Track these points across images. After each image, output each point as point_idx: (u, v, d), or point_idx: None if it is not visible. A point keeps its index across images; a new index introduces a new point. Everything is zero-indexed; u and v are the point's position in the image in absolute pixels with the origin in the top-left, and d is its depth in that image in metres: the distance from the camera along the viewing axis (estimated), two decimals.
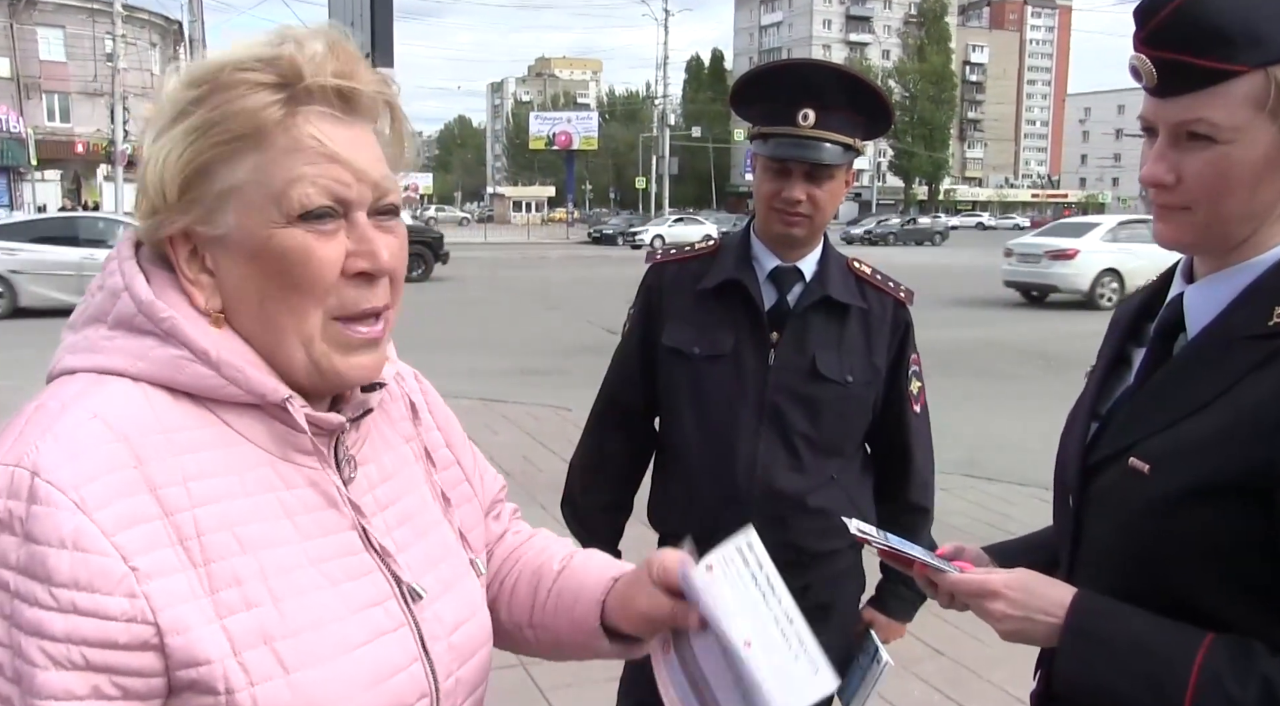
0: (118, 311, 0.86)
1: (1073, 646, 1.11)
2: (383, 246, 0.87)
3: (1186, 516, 1.05)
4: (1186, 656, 1.03)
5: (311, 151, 0.84)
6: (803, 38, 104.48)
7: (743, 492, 1.89)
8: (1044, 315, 15.64)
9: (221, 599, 0.80)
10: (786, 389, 1.90)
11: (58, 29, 39.61)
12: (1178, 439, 1.08)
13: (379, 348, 0.91)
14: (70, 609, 0.74)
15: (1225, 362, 1.08)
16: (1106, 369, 1.27)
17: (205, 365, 0.84)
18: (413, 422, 1.05)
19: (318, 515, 0.88)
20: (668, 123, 59.05)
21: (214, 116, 0.83)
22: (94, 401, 0.81)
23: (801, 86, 1.86)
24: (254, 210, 0.84)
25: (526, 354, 11.14)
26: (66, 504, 0.75)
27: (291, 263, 0.84)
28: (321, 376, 0.88)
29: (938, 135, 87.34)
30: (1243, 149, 1.04)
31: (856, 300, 1.95)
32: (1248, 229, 1.09)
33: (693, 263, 2.03)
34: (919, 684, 3.53)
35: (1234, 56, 1.01)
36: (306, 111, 0.85)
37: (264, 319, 0.86)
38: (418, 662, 0.90)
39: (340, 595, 0.86)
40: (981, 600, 1.15)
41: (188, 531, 0.80)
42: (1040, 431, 1.77)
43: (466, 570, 1.02)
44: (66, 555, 0.74)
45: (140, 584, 0.76)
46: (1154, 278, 1.31)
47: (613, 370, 2.14)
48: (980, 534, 4.79)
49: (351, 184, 0.85)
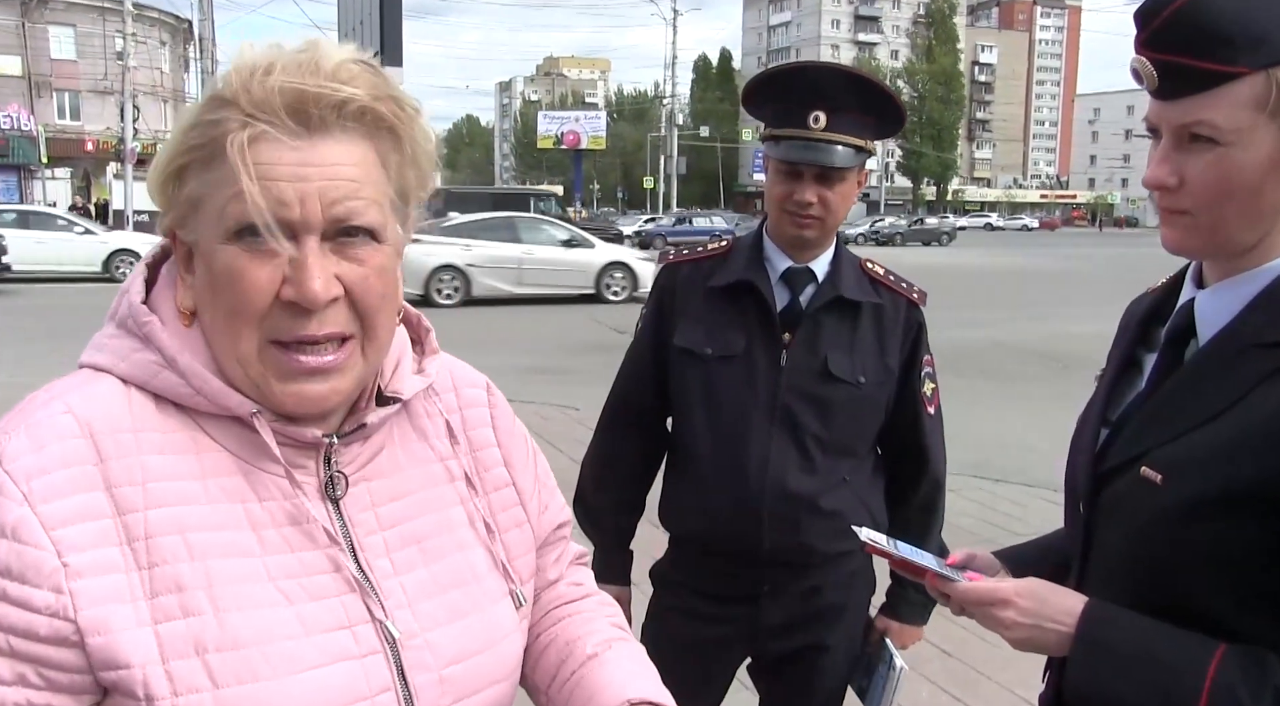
0: (119, 311, 0.89)
1: (1083, 655, 1.10)
2: (315, 275, 0.82)
3: (1198, 527, 1.05)
4: (1199, 667, 1.02)
5: (259, 166, 0.82)
6: (811, 37, 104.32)
7: (754, 494, 1.89)
8: (1050, 316, 15.59)
9: (159, 603, 0.79)
10: (798, 390, 1.90)
11: (69, 27, 39.77)
12: (1190, 449, 1.07)
13: (333, 377, 0.86)
14: (1, 597, 0.76)
15: (1237, 371, 1.07)
16: (1116, 373, 1.26)
17: (174, 372, 0.85)
18: (450, 442, 1.02)
19: (287, 530, 0.86)
20: (676, 122, 59.00)
21: (193, 123, 0.85)
22: (74, 396, 0.84)
23: (813, 89, 1.86)
24: (208, 223, 0.85)
25: (534, 353, 11.15)
26: (16, 494, 0.77)
27: (225, 281, 0.83)
28: (264, 399, 0.86)
29: (946, 136, 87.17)
30: (1244, 151, 1.03)
31: (870, 298, 1.95)
32: (1253, 235, 1.08)
33: (705, 263, 2.02)
34: (927, 685, 3.52)
35: (1235, 58, 1.00)
36: (259, 130, 0.82)
37: (214, 332, 0.87)
38: (389, 693, 0.86)
39: (298, 614, 0.84)
40: (992, 608, 1.15)
41: (136, 532, 0.80)
42: (1048, 432, 1.76)
43: (493, 601, 0.98)
44: (4, 544, 0.76)
45: (69, 581, 0.77)
46: (1163, 280, 1.31)
47: (624, 370, 2.14)
48: (988, 535, 4.78)
49: (292, 203, 0.81)
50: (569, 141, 67.03)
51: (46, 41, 39.20)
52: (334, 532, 0.88)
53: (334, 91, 0.83)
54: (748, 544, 1.91)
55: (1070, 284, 22.20)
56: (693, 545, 2.03)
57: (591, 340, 12.07)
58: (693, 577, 2.03)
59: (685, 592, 2.03)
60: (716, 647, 2.01)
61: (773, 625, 1.97)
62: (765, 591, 1.96)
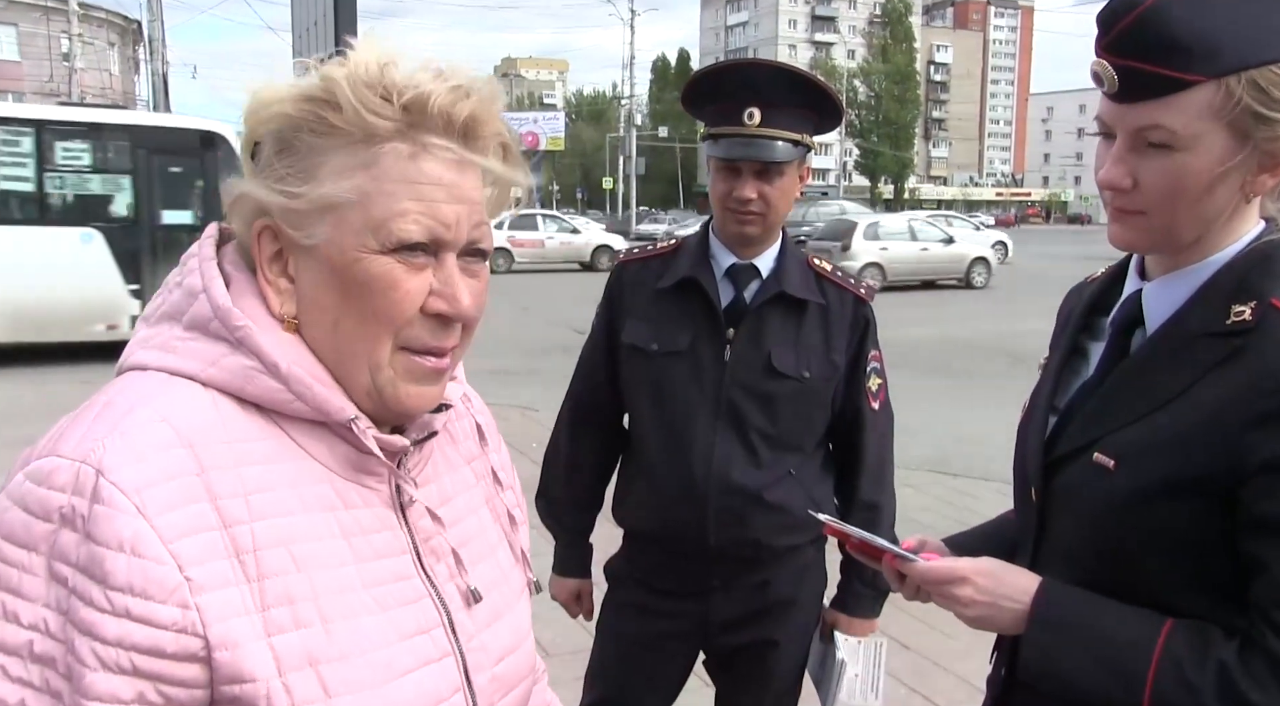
0: (194, 313, 0.85)
1: (1038, 633, 1.13)
2: (465, 291, 0.86)
3: (1151, 512, 1.07)
4: (1148, 642, 1.05)
5: (421, 187, 0.83)
6: (768, 37, 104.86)
7: (700, 488, 1.90)
8: (1003, 311, 15.80)
9: (272, 617, 0.79)
10: (742, 385, 1.92)
11: (10, 27, 38.93)
12: (1142, 435, 1.10)
13: (442, 380, 0.90)
14: (123, 613, 0.73)
15: (1186, 359, 1.10)
16: (1062, 361, 1.28)
17: (274, 378, 0.83)
18: (479, 444, 1.05)
19: (373, 538, 0.87)
20: (634, 123, 59.05)
21: (329, 98, 0.82)
22: (163, 404, 0.80)
23: (746, 86, 1.87)
24: (350, 231, 0.83)
25: (494, 355, 11.10)
26: (128, 506, 0.74)
27: (375, 290, 0.83)
28: (381, 402, 0.87)
29: (903, 134, 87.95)
30: (1198, 157, 1.06)
31: (815, 296, 1.96)
32: (1198, 232, 1.12)
33: (654, 261, 2.04)
34: (885, 677, 3.56)
35: (1191, 66, 1.03)
36: (427, 143, 0.83)
37: (336, 338, 0.86)
38: (460, 693, 0.89)
39: (390, 621, 0.85)
40: (950, 586, 1.17)
41: (244, 545, 0.79)
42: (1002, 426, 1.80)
43: (518, 596, 1.01)
44: (124, 559, 0.73)
45: (194, 595, 0.75)
46: (1101, 270, 1.34)
47: (579, 369, 2.15)
48: (946, 529, 4.80)
49: (451, 225, 0.84)
50: (528, 142, 66.74)
51: None
52: (406, 539, 0.90)
53: (495, 119, 0.86)
54: (695, 538, 1.92)
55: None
56: (644, 540, 2.04)
57: (551, 341, 12.04)
58: (645, 572, 2.04)
59: (638, 587, 2.05)
60: (669, 642, 2.02)
61: (723, 620, 1.99)
62: (715, 586, 1.97)
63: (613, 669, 2.08)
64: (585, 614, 2.23)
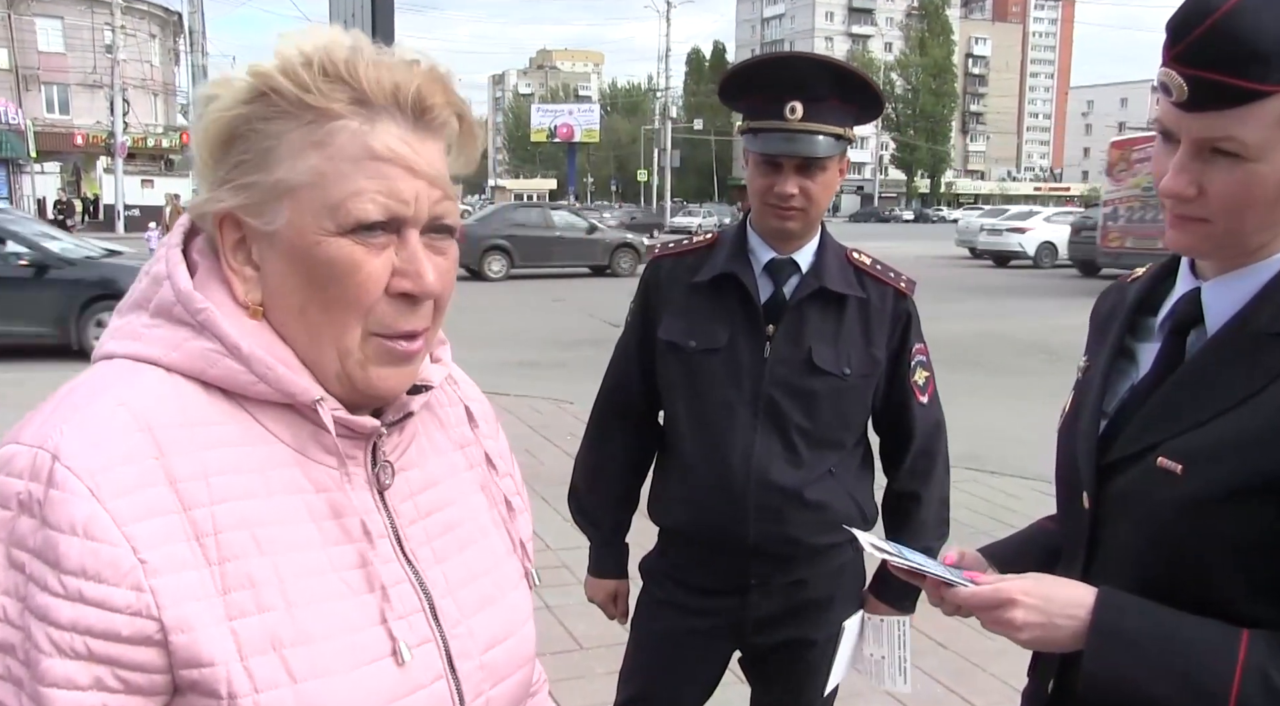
0: (158, 299, 0.85)
1: (1100, 646, 1.07)
2: (429, 268, 0.84)
3: (1222, 517, 1.03)
4: (1227, 652, 1.01)
5: (376, 164, 0.81)
6: (805, 30, 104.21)
7: (739, 486, 1.88)
8: (1040, 307, 15.61)
9: (233, 600, 0.78)
10: (782, 382, 1.89)
11: (56, 20, 39.60)
12: (1211, 438, 1.06)
13: (414, 362, 0.89)
14: (77, 597, 0.73)
15: (1255, 361, 1.07)
16: (1109, 364, 1.25)
17: (236, 360, 0.82)
18: (470, 428, 1.03)
19: (346, 521, 0.86)
20: (669, 115, 58.97)
21: (275, 88, 0.81)
22: (123, 389, 0.80)
23: (786, 80, 1.84)
24: (308, 213, 0.82)
25: (526, 347, 11.14)
26: (82, 490, 0.74)
27: (336, 274, 0.82)
28: (352, 386, 0.86)
29: (939, 128, 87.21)
30: (1268, 167, 1.03)
31: (855, 291, 1.93)
32: (1262, 239, 1.10)
33: (689, 256, 2.01)
34: (921, 677, 3.52)
35: (1268, 76, 1.00)
36: (380, 121, 0.82)
37: (303, 323, 0.85)
38: (442, 680, 0.87)
39: (361, 605, 0.84)
40: (998, 612, 1.11)
41: (205, 528, 0.78)
42: (1040, 424, 1.77)
43: (514, 584, 0.99)
44: (77, 542, 0.73)
45: (149, 578, 0.74)
46: (1139, 271, 1.30)
47: (613, 365, 2.13)
48: (984, 528, 4.79)
49: (410, 201, 0.83)
50: (563, 134, 66.93)
51: (34, 34, 39.02)
52: (384, 522, 0.89)
53: (446, 91, 0.85)
54: (733, 536, 1.90)
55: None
56: (680, 537, 2.02)
57: (584, 334, 12.05)
58: (680, 570, 2.02)
59: (673, 585, 2.03)
60: (704, 640, 2.00)
61: (759, 618, 1.96)
62: (752, 584, 1.95)
63: (647, 667, 2.06)
64: (620, 617, 2.19)
